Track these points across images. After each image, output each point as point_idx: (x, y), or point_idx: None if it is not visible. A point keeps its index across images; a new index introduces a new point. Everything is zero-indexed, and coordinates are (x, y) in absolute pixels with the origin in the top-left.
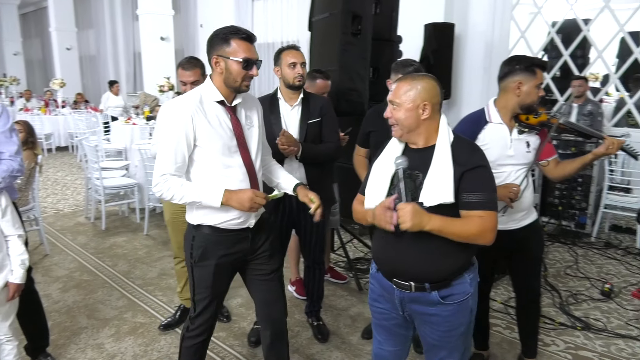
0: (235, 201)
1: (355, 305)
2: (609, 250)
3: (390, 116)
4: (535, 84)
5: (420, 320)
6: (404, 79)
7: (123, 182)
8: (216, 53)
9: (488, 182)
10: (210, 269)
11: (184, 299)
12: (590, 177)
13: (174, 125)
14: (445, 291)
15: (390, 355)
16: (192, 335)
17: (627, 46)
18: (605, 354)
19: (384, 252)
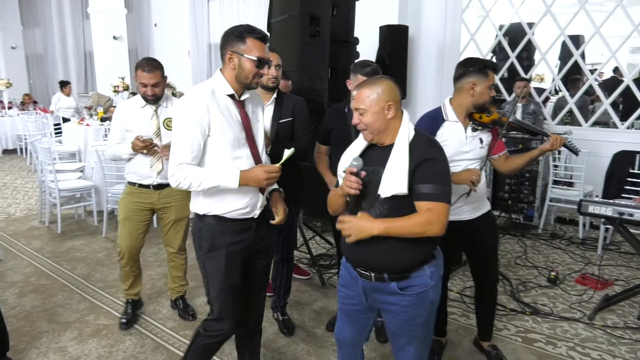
0: (252, 180)
1: (320, 299)
2: (555, 240)
3: (359, 122)
4: (488, 85)
5: (381, 309)
6: (363, 85)
7: (79, 184)
8: (231, 49)
9: (439, 174)
10: (221, 258)
11: (133, 294)
12: (536, 172)
13: (191, 114)
14: (403, 283)
15: (349, 340)
16: (209, 335)
17: (568, 48)
18: (551, 336)
19: (345, 243)
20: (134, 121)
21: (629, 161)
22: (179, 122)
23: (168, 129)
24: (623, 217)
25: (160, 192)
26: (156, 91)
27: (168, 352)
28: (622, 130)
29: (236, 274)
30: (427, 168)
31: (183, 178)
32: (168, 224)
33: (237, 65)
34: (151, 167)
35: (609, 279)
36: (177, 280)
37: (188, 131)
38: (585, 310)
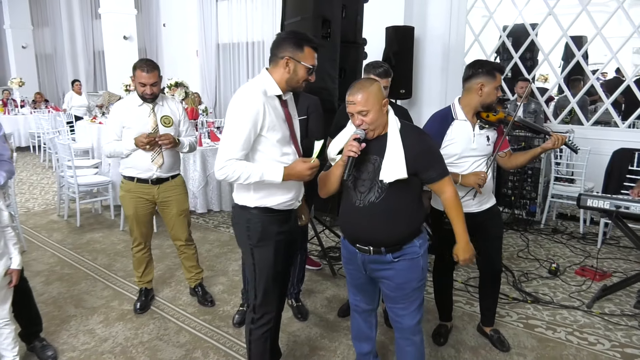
0: (295, 175)
1: (330, 288)
2: (556, 235)
3: (361, 123)
4: (495, 86)
5: (379, 277)
6: (359, 90)
7: (97, 179)
8: (288, 55)
9: (438, 157)
10: (270, 247)
11: (146, 282)
12: (538, 169)
13: (248, 113)
14: (397, 253)
15: (364, 305)
16: (259, 324)
17: (571, 49)
18: (551, 322)
19: (348, 222)
20: (131, 119)
21: (628, 158)
22: (234, 119)
23: (165, 126)
24: (619, 210)
25: (159, 186)
26: (154, 90)
27: (190, 334)
28: (623, 129)
29: (282, 260)
30: (428, 156)
31: (232, 172)
32: (172, 218)
33: (292, 70)
34: (153, 161)
35: (607, 271)
36: (192, 270)
37: (242, 129)
38: (584, 299)
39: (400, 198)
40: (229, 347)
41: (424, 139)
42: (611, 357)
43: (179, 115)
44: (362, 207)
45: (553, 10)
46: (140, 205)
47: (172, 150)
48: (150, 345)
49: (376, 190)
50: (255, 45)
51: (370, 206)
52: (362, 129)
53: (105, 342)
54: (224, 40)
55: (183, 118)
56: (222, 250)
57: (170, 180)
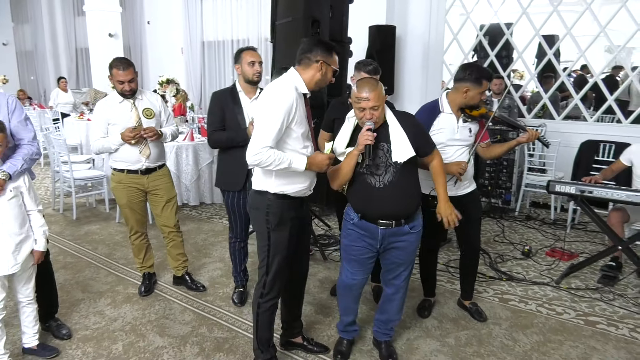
0: (315, 165)
1: (322, 271)
2: (529, 221)
3: (371, 116)
4: (479, 92)
5: (393, 248)
6: (372, 88)
7: (92, 173)
8: (323, 59)
9: (427, 135)
10: (286, 232)
11: (148, 267)
12: (513, 160)
13: (282, 105)
14: (412, 223)
15: (357, 283)
16: (267, 299)
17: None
18: (523, 296)
19: (371, 203)
20: (115, 116)
21: (594, 149)
22: (270, 109)
23: (148, 118)
24: (584, 194)
25: (148, 176)
26: (132, 86)
27: (194, 313)
28: (591, 123)
29: (295, 242)
30: (423, 133)
31: (265, 158)
32: (161, 205)
33: (324, 73)
34: (140, 152)
35: (575, 252)
36: (179, 258)
37: (277, 119)
38: (553, 277)
39: (409, 175)
40: (232, 323)
41: (415, 121)
42: (576, 324)
43: (158, 107)
44: (383, 188)
45: (526, 11)
46: (132, 194)
47: (157, 141)
48: (158, 323)
49: (391, 171)
50: (241, 43)
51: (390, 185)
52: (372, 122)
53: (115, 322)
54: (209, 38)
55: (163, 109)
56: (217, 239)
57: (158, 170)
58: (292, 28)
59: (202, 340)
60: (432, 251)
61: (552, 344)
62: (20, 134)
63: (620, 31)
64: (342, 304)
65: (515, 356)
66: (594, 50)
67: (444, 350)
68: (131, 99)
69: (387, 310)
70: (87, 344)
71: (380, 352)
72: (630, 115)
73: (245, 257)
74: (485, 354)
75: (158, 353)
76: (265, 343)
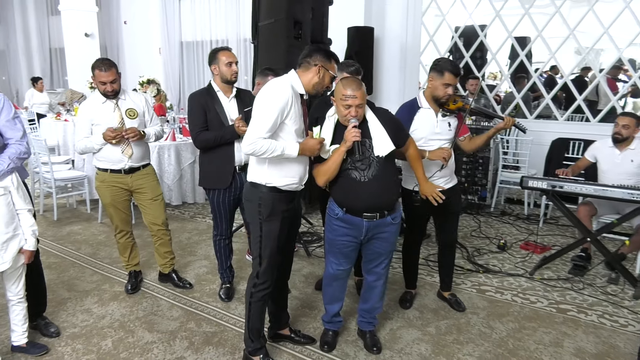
0: (307, 150)
1: (306, 267)
2: (504, 217)
3: (356, 114)
4: (442, 82)
5: (377, 238)
6: (357, 87)
7: (72, 174)
8: (321, 63)
9: (402, 126)
10: (277, 223)
11: (134, 265)
12: (488, 158)
13: (278, 100)
14: (393, 214)
15: (344, 272)
16: (260, 289)
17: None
18: (499, 287)
19: (357, 197)
20: (98, 116)
21: (564, 147)
22: (266, 103)
23: (131, 118)
24: (555, 188)
25: (131, 175)
26: (114, 87)
27: (182, 309)
28: (561, 122)
29: (285, 234)
30: (396, 127)
31: (259, 147)
32: (147, 202)
33: (321, 77)
34: (122, 152)
35: (547, 245)
36: (167, 255)
37: (272, 113)
38: (527, 268)
39: (390, 168)
40: (219, 318)
41: (391, 115)
42: (548, 312)
43: (142, 107)
44: (368, 181)
45: (499, 13)
46: (115, 193)
47: (140, 141)
48: (147, 320)
49: (374, 166)
50: (220, 43)
51: (374, 179)
52: (357, 119)
53: (103, 319)
54: (188, 38)
55: (147, 109)
56: (201, 237)
57: (142, 169)
58: (275, 29)
59: (191, 334)
60: (414, 245)
61: (526, 331)
62: (7, 133)
63: (589, 33)
64: (328, 294)
65: (493, 342)
66: (564, 51)
67: (425, 338)
68: (114, 99)
69: (369, 298)
70: (76, 340)
71: (364, 341)
72: (597, 115)
73: (230, 254)
74: (464, 341)
75: (148, 348)
76: (256, 333)
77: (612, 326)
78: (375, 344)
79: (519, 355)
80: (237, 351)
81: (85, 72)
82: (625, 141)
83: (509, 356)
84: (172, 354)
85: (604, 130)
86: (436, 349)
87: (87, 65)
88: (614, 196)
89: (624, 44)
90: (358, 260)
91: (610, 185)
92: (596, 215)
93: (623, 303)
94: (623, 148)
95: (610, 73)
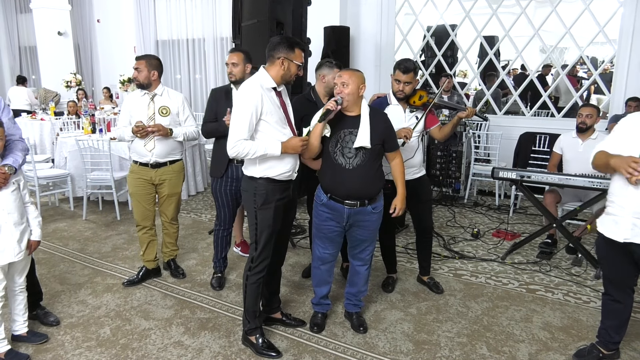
0: (290, 148)
1: (292, 257)
2: (477, 208)
3: (340, 92)
4: (394, 78)
5: (357, 226)
6: (346, 70)
7: (56, 172)
8: (284, 55)
9: (394, 135)
10: (271, 211)
11: (147, 260)
12: (461, 152)
13: (248, 102)
14: (374, 204)
15: (330, 256)
16: (255, 272)
17: None
18: (474, 272)
19: (341, 183)
20: (135, 108)
21: (531, 140)
22: (239, 107)
23: (162, 116)
24: (523, 178)
25: (157, 170)
26: (136, 75)
27: (175, 299)
28: (528, 117)
29: (279, 222)
30: (390, 131)
31: (242, 148)
32: (163, 197)
33: (286, 68)
34: (145, 146)
35: (517, 232)
36: (169, 246)
37: (245, 115)
38: (499, 254)
39: (375, 162)
40: (212, 305)
41: (386, 118)
42: (519, 292)
43: (177, 106)
44: (352, 169)
45: (469, 13)
46: (139, 185)
47: (165, 138)
48: (142, 309)
49: (360, 156)
50: (196, 42)
51: (358, 167)
52: (341, 97)
53: (99, 309)
54: (163, 37)
55: (182, 109)
56: (187, 232)
57: (168, 166)
58: (258, 30)
59: (187, 321)
60: (389, 232)
61: (499, 309)
62: (11, 130)
63: (553, 32)
64: (316, 277)
65: (469, 320)
66: (530, 50)
67: (407, 318)
68: (150, 93)
69: (355, 282)
70: (74, 329)
71: (351, 322)
72: (561, 110)
73: (227, 246)
74: (443, 320)
75: (146, 334)
76: (252, 314)
77: (575, 303)
78: (361, 324)
79: (493, 330)
80: (231, 334)
81: (59, 70)
82: (588, 130)
83: (484, 331)
84: (170, 338)
85: (567, 125)
86: (418, 327)
87: (60, 63)
88: (576, 184)
89: (585, 42)
90: (345, 247)
91: (573, 174)
92: (560, 203)
93: (586, 282)
94: (585, 138)
95: (570, 71)
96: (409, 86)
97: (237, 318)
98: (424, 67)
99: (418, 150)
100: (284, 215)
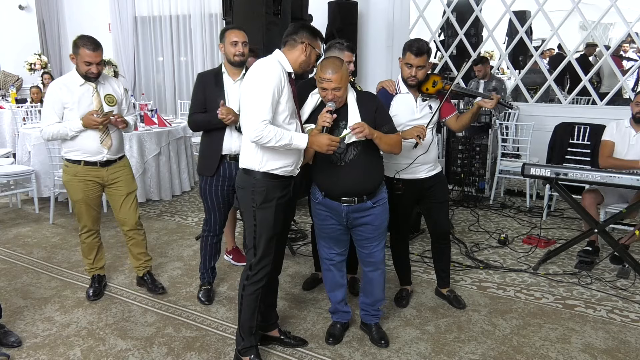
0: (316, 144)
1: (292, 266)
2: (504, 210)
3: (333, 97)
4: (404, 62)
5: (358, 223)
6: (335, 70)
7: (17, 169)
8: (308, 41)
9: (388, 116)
10: (271, 210)
11: (98, 268)
12: (486, 146)
13: (271, 80)
14: (375, 198)
15: (337, 256)
16: (253, 281)
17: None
18: (501, 284)
19: (335, 181)
20: (74, 99)
21: (568, 132)
22: (259, 85)
23: (110, 105)
24: (559, 176)
25: (107, 168)
26: (100, 69)
27: (157, 314)
28: (565, 105)
29: (280, 223)
30: (382, 113)
31: (267, 133)
32: (120, 199)
33: (308, 55)
34: (101, 143)
35: (551, 239)
36: (141, 257)
37: (268, 93)
38: (531, 264)
39: (369, 154)
40: (200, 322)
41: (376, 100)
42: (554, 308)
43: (121, 94)
44: (345, 165)
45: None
46: (89, 188)
47: (118, 131)
48: (118, 327)
49: (352, 150)
50: (180, 19)
51: (351, 163)
52: (333, 102)
53: (68, 327)
54: (143, 13)
55: (125, 96)
56: (171, 237)
57: (118, 162)
58: (251, 4)
59: (170, 340)
60: (401, 237)
61: (531, 327)
62: None
63: (595, 5)
64: (328, 280)
65: (496, 340)
66: (568, 26)
67: (424, 337)
68: (94, 82)
69: (371, 291)
70: (39, 351)
71: (370, 335)
72: (604, 97)
73: (216, 254)
74: (466, 339)
75: (122, 356)
76: (247, 330)
77: (622, 321)
78: (382, 337)
79: (524, 352)
80: (222, 355)
81: (20, 51)
82: None
83: (514, 353)
84: None
85: (611, 114)
86: (436, 348)
87: (22, 43)
88: (622, 183)
89: (633, 17)
90: (351, 258)
91: (618, 171)
92: (603, 204)
93: (634, 297)
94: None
95: (615, 51)
96: (422, 71)
97: (229, 336)
98: (444, 48)
99: (433, 143)
100: (285, 216)
